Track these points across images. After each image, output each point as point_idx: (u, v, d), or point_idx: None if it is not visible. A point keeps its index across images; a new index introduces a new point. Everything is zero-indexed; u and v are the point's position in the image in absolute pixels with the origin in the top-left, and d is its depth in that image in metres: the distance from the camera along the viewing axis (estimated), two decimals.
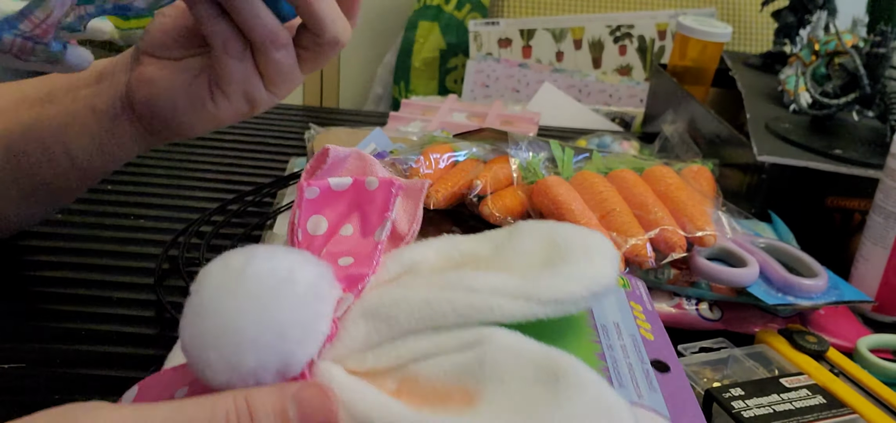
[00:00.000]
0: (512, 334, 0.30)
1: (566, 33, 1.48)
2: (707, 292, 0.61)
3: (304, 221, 0.36)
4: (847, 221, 0.73)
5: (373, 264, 0.34)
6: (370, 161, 0.41)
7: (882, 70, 0.75)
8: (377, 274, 0.34)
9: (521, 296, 0.31)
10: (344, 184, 0.38)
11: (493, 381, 0.29)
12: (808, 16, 1.00)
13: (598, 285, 0.32)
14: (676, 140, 0.87)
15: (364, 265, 0.34)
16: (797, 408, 0.49)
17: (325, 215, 0.37)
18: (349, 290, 0.33)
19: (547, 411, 0.27)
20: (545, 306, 0.31)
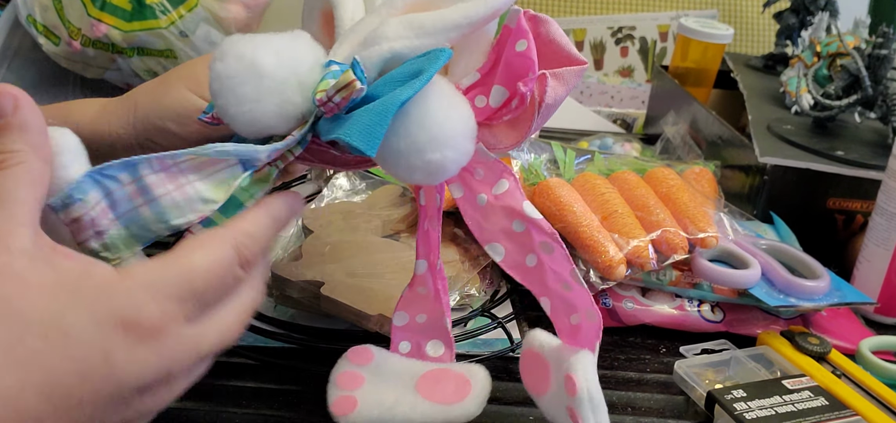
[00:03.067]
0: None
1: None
2: (709, 293, 0.61)
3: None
4: (849, 222, 0.73)
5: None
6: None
7: (884, 71, 0.75)
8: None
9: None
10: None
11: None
12: (809, 17, 1.00)
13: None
14: (678, 142, 0.87)
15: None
16: (799, 410, 0.49)
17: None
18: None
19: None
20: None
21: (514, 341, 0.56)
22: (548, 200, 0.62)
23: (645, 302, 0.61)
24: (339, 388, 0.46)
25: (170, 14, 0.87)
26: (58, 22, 0.87)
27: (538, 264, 0.42)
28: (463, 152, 0.39)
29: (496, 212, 0.42)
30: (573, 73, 0.40)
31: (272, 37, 0.38)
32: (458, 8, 0.37)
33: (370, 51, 0.38)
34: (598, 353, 0.58)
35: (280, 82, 0.37)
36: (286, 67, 0.37)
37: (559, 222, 0.61)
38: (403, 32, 0.37)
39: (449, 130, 0.37)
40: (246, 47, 0.37)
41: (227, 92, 0.37)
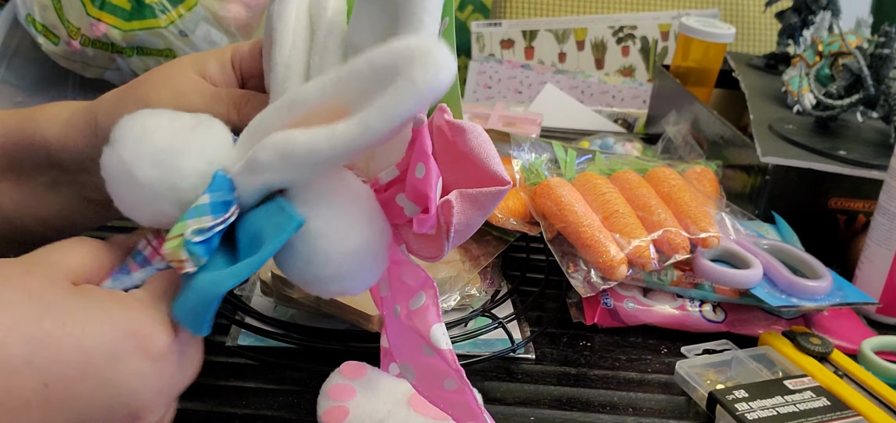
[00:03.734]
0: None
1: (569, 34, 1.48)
2: (710, 293, 0.61)
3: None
4: (851, 222, 0.73)
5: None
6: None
7: (886, 71, 0.75)
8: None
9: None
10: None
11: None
12: (811, 17, 1.00)
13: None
14: (679, 141, 0.87)
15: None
16: (801, 410, 0.49)
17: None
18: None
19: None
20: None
21: (515, 342, 0.56)
22: (549, 199, 0.62)
23: (646, 302, 0.61)
24: (330, 399, 0.46)
25: (169, 13, 0.86)
26: (57, 21, 0.87)
27: (459, 389, 0.38)
28: (366, 278, 0.36)
29: (406, 331, 0.38)
30: (490, 195, 0.34)
31: (162, 135, 0.35)
32: (327, 137, 0.31)
33: (251, 179, 0.34)
34: (600, 354, 0.58)
35: (155, 196, 0.34)
36: (164, 183, 0.34)
37: (560, 222, 0.61)
38: (274, 161, 0.33)
39: (343, 264, 0.34)
40: (127, 149, 0.34)
41: (109, 186, 0.35)
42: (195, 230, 0.33)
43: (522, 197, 0.64)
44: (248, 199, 0.35)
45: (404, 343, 0.39)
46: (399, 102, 0.30)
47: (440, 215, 0.34)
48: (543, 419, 0.50)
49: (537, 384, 0.54)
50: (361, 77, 0.32)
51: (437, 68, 0.30)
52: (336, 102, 0.33)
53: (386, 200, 0.36)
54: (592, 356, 0.58)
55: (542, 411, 0.51)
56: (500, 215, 0.62)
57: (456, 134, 0.34)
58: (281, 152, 0.33)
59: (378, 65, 0.31)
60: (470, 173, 0.34)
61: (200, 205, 0.34)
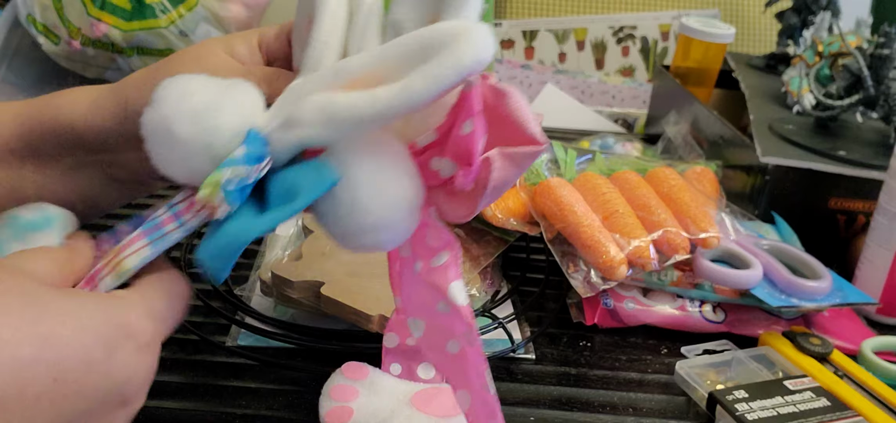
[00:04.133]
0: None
1: (569, 34, 1.48)
2: (710, 294, 0.61)
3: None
4: (851, 222, 0.73)
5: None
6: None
7: (886, 71, 0.75)
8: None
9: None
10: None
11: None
12: (811, 17, 1.00)
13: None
14: (679, 141, 0.87)
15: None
16: (801, 410, 0.49)
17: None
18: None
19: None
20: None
21: (515, 342, 0.56)
22: (549, 199, 0.62)
23: (646, 302, 0.61)
24: (332, 399, 0.46)
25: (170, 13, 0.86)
26: (58, 21, 0.87)
27: (461, 353, 0.39)
28: (401, 231, 0.37)
29: (423, 286, 0.39)
30: (527, 154, 0.35)
31: (201, 93, 0.36)
32: (377, 100, 0.33)
33: (287, 134, 0.36)
34: (600, 354, 0.58)
35: (190, 153, 0.36)
36: (199, 139, 0.36)
37: (560, 222, 0.61)
38: (315, 119, 0.35)
39: (382, 214, 0.35)
40: (169, 106, 0.36)
41: (149, 143, 0.37)
42: (230, 178, 0.35)
43: (522, 197, 0.64)
44: (281, 155, 0.36)
45: (420, 298, 0.40)
46: (442, 71, 0.33)
47: (480, 171, 0.35)
48: (543, 419, 0.50)
49: (537, 384, 0.54)
50: (408, 52, 0.34)
51: (480, 45, 0.33)
52: (380, 73, 0.35)
53: (421, 163, 0.37)
54: (592, 356, 0.58)
55: (542, 411, 0.51)
56: (500, 215, 0.62)
57: (498, 98, 0.36)
58: (322, 109, 0.35)
59: (425, 41, 0.34)
60: (508, 135, 0.36)
61: (236, 157, 0.35)
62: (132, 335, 0.34)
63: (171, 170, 0.37)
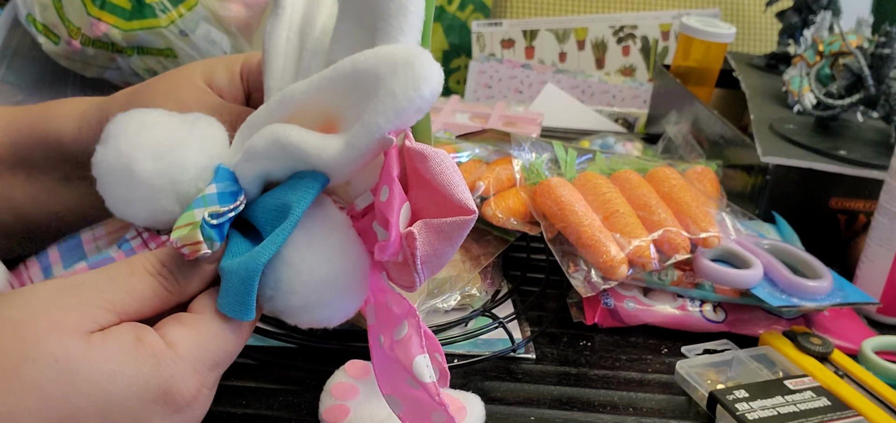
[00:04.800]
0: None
1: (569, 34, 1.48)
2: (711, 293, 0.61)
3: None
4: (851, 222, 0.73)
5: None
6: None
7: (887, 71, 0.75)
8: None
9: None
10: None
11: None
12: (812, 16, 1.00)
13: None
14: (680, 141, 0.87)
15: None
16: (801, 410, 0.49)
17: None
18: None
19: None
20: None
21: (516, 342, 0.56)
22: (549, 199, 0.62)
23: (646, 302, 0.61)
24: (332, 397, 0.46)
25: (170, 13, 0.86)
26: (57, 21, 0.87)
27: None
28: (340, 308, 0.35)
29: (390, 362, 0.37)
30: (455, 225, 0.32)
31: (162, 130, 0.34)
32: (317, 146, 0.32)
33: (249, 167, 0.34)
34: (600, 354, 0.58)
35: (154, 191, 0.34)
36: (164, 176, 0.34)
37: (560, 222, 0.61)
38: (271, 150, 0.33)
39: (310, 295, 0.34)
40: (126, 142, 0.34)
41: (102, 184, 0.35)
42: (211, 214, 0.33)
43: (523, 197, 0.64)
44: (250, 188, 0.35)
45: (390, 374, 0.37)
46: (379, 115, 0.30)
47: (405, 245, 0.32)
48: (544, 419, 0.50)
49: (538, 383, 0.54)
50: (344, 78, 0.32)
51: (419, 80, 0.30)
52: (321, 101, 0.33)
53: (363, 228, 0.35)
54: (593, 355, 0.58)
55: (542, 411, 0.51)
56: (500, 215, 0.62)
57: (418, 160, 0.32)
58: (275, 140, 0.33)
59: (360, 68, 0.31)
60: (436, 202, 0.32)
61: (208, 195, 0.33)
62: (169, 399, 0.32)
63: (130, 211, 0.35)
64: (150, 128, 0.34)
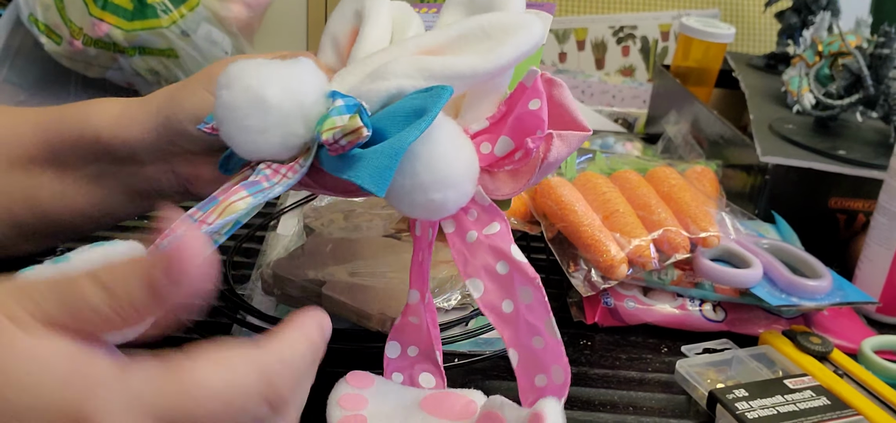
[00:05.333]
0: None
1: (569, 34, 1.48)
2: (710, 293, 0.61)
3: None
4: (851, 222, 0.73)
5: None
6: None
7: (886, 71, 0.75)
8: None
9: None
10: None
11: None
12: (811, 17, 1.00)
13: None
14: (680, 141, 0.87)
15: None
16: (801, 409, 0.49)
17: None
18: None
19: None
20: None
21: None
22: (549, 199, 0.62)
23: (646, 301, 0.61)
24: (343, 409, 0.45)
25: (171, 13, 0.87)
26: (60, 21, 0.87)
27: (514, 311, 0.42)
28: (464, 193, 0.41)
29: (483, 249, 0.42)
30: (577, 137, 0.42)
31: (277, 66, 0.38)
32: (466, 60, 0.39)
33: (377, 85, 0.39)
34: (600, 353, 0.59)
35: (285, 115, 0.38)
36: (291, 100, 0.38)
37: (561, 222, 0.61)
38: (412, 72, 0.39)
39: (453, 171, 0.39)
40: (252, 78, 0.37)
41: (232, 121, 0.38)
42: (359, 107, 0.37)
43: (523, 197, 0.65)
44: (372, 106, 0.39)
45: (476, 261, 0.43)
46: (524, 42, 0.40)
47: (541, 146, 0.41)
48: None
49: None
50: (471, 34, 0.40)
51: (544, 27, 0.41)
52: (447, 49, 0.40)
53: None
54: (593, 355, 0.58)
55: None
56: None
57: (552, 86, 0.42)
58: (416, 65, 0.39)
59: (489, 27, 0.40)
60: (559, 120, 0.42)
61: (339, 106, 0.37)
62: None
63: (262, 140, 0.38)
64: (267, 65, 0.38)
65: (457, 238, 0.43)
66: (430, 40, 0.41)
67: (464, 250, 0.43)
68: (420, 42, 0.41)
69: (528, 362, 0.43)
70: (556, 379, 0.42)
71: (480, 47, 0.40)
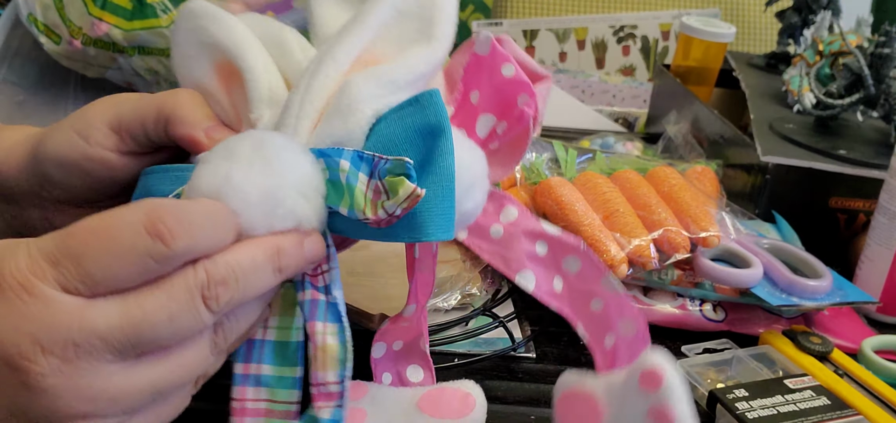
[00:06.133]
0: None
1: (569, 34, 1.48)
2: (711, 292, 0.61)
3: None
4: (851, 221, 0.73)
5: None
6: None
7: (886, 70, 0.75)
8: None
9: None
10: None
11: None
12: (811, 16, 1.00)
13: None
14: (680, 141, 0.87)
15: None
16: (801, 409, 0.49)
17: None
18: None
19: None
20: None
21: (516, 341, 0.56)
22: (549, 199, 0.62)
23: (647, 301, 0.61)
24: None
25: (171, 13, 0.86)
26: (59, 21, 0.87)
27: (565, 285, 0.41)
28: (485, 191, 0.39)
29: (515, 238, 0.41)
30: (545, 88, 0.40)
31: (246, 169, 0.33)
32: (421, 56, 0.36)
33: (351, 121, 0.35)
34: None
35: (302, 217, 0.34)
36: (314, 204, 0.34)
37: (561, 222, 0.61)
38: (377, 91, 0.35)
39: (474, 174, 0.38)
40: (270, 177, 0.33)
41: (257, 217, 0.33)
42: (384, 165, 0.33)
43: (523, 196, 0.65)
44: (360, 137, 0.35)
45: (517, 254, 0.41)
46: (449, 12, 0.37)
47: (530, 106, 0.39)
48: (544, 418, 0.50)
49: (538, 382, 0.54)
50: (393, 18, 0.37)
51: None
52: (378, 46, 0.37)
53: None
54: None
55: (542, 410, 0.51)
56: None
57: (502, 44, 0.39)
58: (377, 81, 0.35)
59: (402, 4, 0.37)
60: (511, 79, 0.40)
61: (348, 171, 0.33)
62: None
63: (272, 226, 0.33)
64: (237, 174, 0.33)
65: (481, 241, 0.41)
66: (355, 44, 0.36)
67: (496, 249, 0.41)
68: (347, 51, 0.36)
69: (594, 328, 0.40)
70: (627, 333, 0.39)
71: (410, 32, 0.37)
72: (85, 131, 0.39)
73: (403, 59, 0.36)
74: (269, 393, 0.36)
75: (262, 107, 0.37)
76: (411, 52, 0.36)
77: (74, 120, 0.40)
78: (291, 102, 0.36)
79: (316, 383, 0.36)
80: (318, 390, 0.36)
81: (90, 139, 0.39)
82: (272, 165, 0.33)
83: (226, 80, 0.39)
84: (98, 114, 0.39)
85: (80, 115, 0.40)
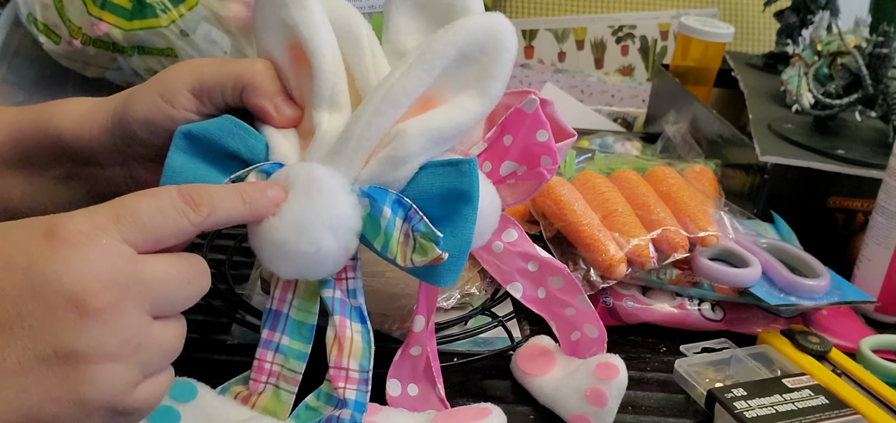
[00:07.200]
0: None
1: (568, 34, 1.48)
2: (709, 292, 0.61)
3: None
4: (850, 221, 0.73)
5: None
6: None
7: (884, 70, 0.75)
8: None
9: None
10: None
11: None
12: (810, 16, 1.00)
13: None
14: (679, 140, 0.87)
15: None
16: (799, 409, 0.49)
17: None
18: None
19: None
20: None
21: (515, 340, 0.56)
22: (548, 198, 0.62)
23: (645, 301, 0.61)
24: None
25: (170, 12, 0.87)
26: (58, 20, 0.87)
27: (547, 295, 0.50)
28: (496, 223, 0.46)
29: (512, 256, 0.49)
30: (566, 146, 0.47)
31: (310, 208, 0.39)
32: (468, 111, 0.41)
33: (398, 172, 0.40)
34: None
35: (338, 260, 0.41)
36: (341, 240, 0.40)
37: (560, 221, 0.61)
38: (426, 146, 0.40)
39: (492, 218, 0.44)
40: (308, 232, 0.39)
41: (295, 259, 0.40)
42: (407, 225, 0.40)
43: None
44: (401, 184, 0.41)
45: (510, 268, 0.50)
46: (507, 62, 0.40)
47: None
48: (544, 418, 0.50)
49: None
50: (457, 62, 0.40)
51: (514, 36, 0.40)
52: (433, 89, 0.41)
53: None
54: None
55: (542, 409, 0.51)
56: None
57: (545, 106, 0.45)
58: (428, 134, 0.40)
59: (467, 49, 0.40)
60: (552, 132, 0.45)
61: (388, 218, 0.40)
62: (51, 234, 0.32)
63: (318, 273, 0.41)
64: (305, 216, 0.39)
65: (484, 251, 0.48)
66: (417, 88, 0.40)
67: (494, 260, 0.49)
68: (410, 95, 0.40)
69: (563, 325, 0.51)
70: (590, 334, 0.50)
71: (468, 77, 0.41)
72: (168, 95, 0.43)
73: (454, 109, 0.40)
74: (283, 360, 0.43)
75: (323, 108, 0.42)
76: (462, 100, 0.41)
77: (158, 84, 0.44)
78: (351, 133, 0.40)
79: (337, 366, 0.42)
80: (337, 372, 0.42)
81: (174, 102, 0.43)
82: (314, 200, 0.38)
83: (296, 60, 0.43)
84: (180, 78, 0.43)
85: (161, 79, 0.44)
